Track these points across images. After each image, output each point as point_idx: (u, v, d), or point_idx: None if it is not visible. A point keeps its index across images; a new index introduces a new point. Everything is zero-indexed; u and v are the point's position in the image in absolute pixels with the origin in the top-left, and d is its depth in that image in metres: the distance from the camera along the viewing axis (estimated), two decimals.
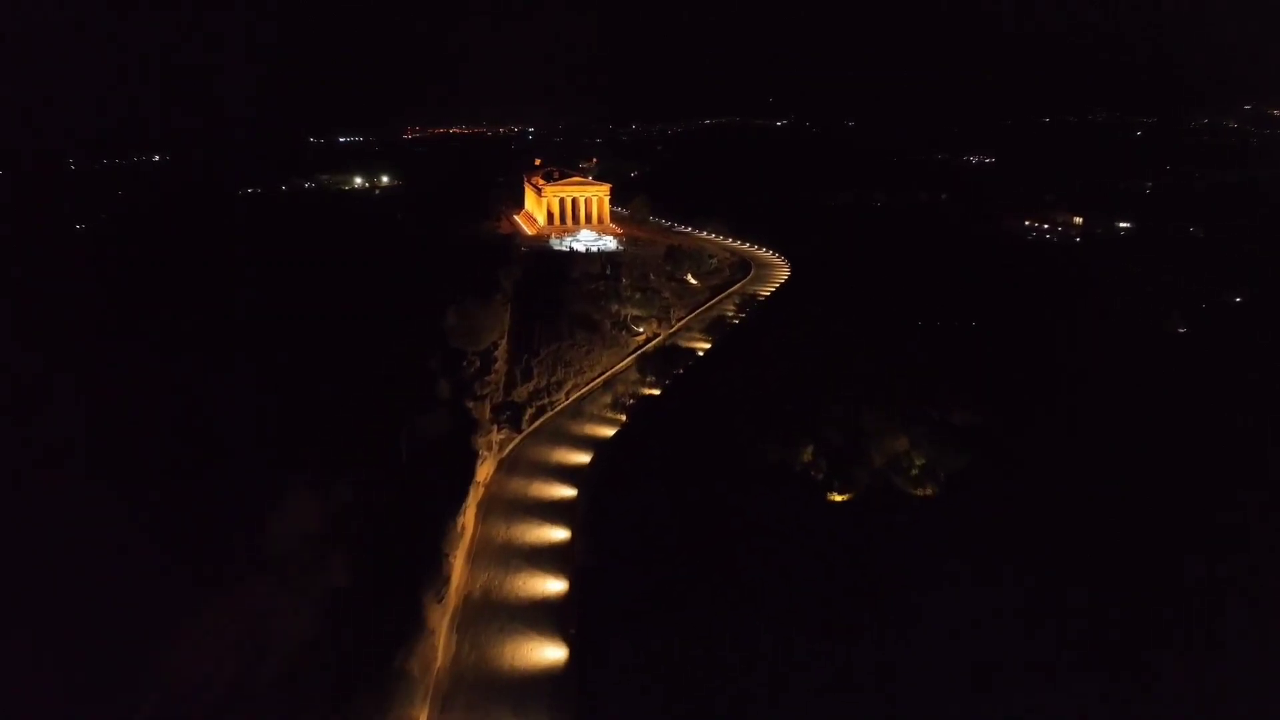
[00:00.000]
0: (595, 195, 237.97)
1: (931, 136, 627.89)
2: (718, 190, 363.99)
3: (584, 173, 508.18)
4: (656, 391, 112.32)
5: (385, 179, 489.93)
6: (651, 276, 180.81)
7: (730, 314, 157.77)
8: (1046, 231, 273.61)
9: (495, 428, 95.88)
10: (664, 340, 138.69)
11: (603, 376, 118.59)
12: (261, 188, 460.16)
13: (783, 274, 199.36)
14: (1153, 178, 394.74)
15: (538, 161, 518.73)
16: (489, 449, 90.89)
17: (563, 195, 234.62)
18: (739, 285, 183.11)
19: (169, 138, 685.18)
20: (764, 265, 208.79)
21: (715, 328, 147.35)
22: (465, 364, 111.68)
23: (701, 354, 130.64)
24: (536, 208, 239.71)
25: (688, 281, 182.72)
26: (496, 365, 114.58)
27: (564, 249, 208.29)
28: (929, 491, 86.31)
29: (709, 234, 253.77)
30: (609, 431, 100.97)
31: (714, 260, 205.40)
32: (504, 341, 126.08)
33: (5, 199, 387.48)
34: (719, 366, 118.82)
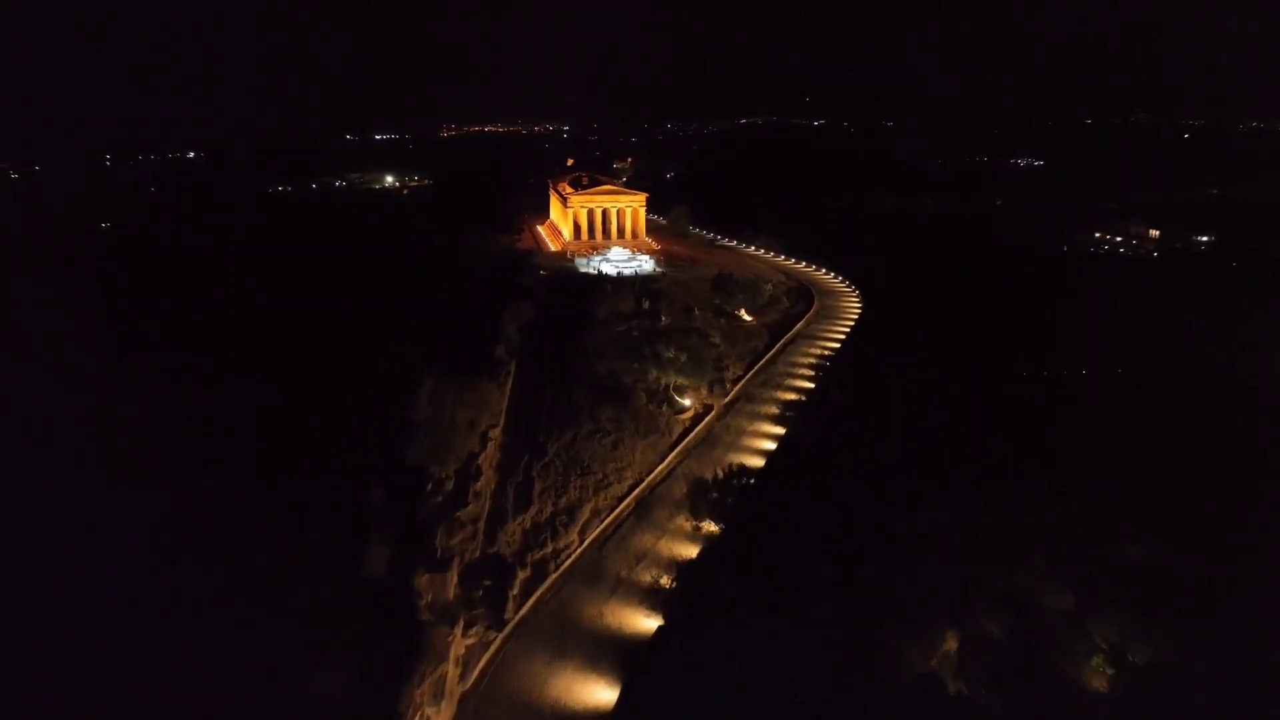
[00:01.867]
0: (629, 206, 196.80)
1: (973, 138, 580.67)
2: (759, 196, 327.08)
3: (618, 174, 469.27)
4: (714, 528, 71.68)
5: (416, 179, 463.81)
6: (696, 312, 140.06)
7: (801, 373, 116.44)
8: (1120, 245, 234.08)
9: (461, 623, 55.91)
10: (717, 417, 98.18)
11: (634, 493, 78.13)
12: (291, 186, 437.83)
13: (850, 305, 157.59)
14: (1217, 185, 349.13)
15: (570, 162, 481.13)
16: (444, 674, 51.07)
17: (591, 205, 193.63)
18: (803, 323, 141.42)
19: (207, 135, 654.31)
20: (826, 292, 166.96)
21: (784, 397, 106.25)
22: (431, 488, 71.38)
23: (773, 449, 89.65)
24: (562, 219, 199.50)
25: (740, 318, 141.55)
26: (479, 484, 74.18)
27: (591, 270, 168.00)
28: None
29: (755, 248, 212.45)
30: (644, 622, 60.58)
31: (769, 286, 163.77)
32: (498, 431, 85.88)
33: (40, 197, 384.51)
34: (801, 484, 77.42)
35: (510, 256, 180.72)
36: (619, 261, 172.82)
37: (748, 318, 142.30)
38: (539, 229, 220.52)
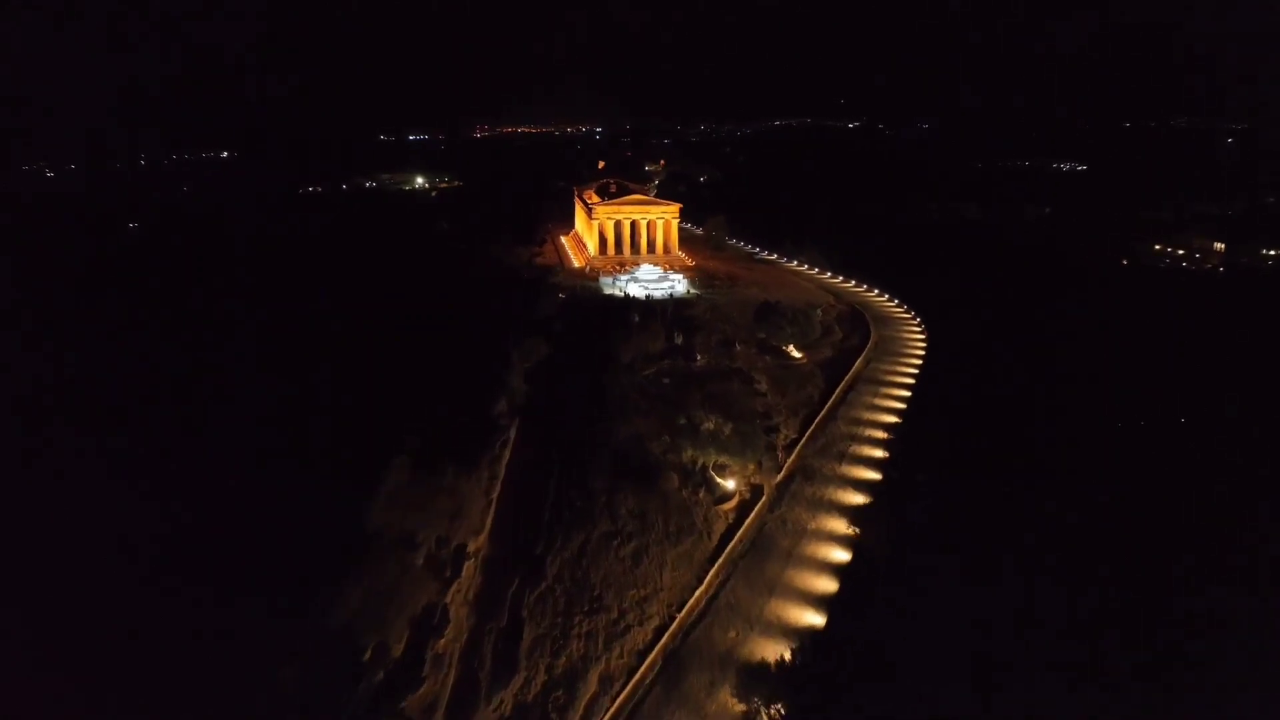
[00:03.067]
0: (660, 217, 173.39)
1: (1013, 141, 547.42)
2: (796, 201, 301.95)
3: (650, 176, 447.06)
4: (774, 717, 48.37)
5: (445, 180, 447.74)
6: (738, 347, 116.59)
7: (869, 434, 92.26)
8: (1183, 259, 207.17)
9: None
10: (769, 505, 74.74)
11: (660, 644, 54.96)
12: (321, 186, 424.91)
13: (911, 335, 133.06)
14: (1275, 193, 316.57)
15: (600, 164, 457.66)
16: None
17: (619, 217, 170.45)
18: (861, 360, 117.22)
19: (242, 134, 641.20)
20: (882, 319, 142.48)
21: (852, 473, 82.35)
22: (370, 657, 48.60)
23: (846, 561, 65.94)
24: (586, 231, 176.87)
25: (789, 356, 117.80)
26: (443, 641, 51.25)
27: (617, 291, 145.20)
28: None
29: (798, 264, 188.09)
30: None
31: (819, 312, 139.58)
32: (480, 540, 63.12)
33: (74, 196, 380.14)
34: (886, 635, 53.65)
35: (528, 274, 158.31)
36: (648, 281, 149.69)
37: (797, 355, 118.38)
38: (563, 240, 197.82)
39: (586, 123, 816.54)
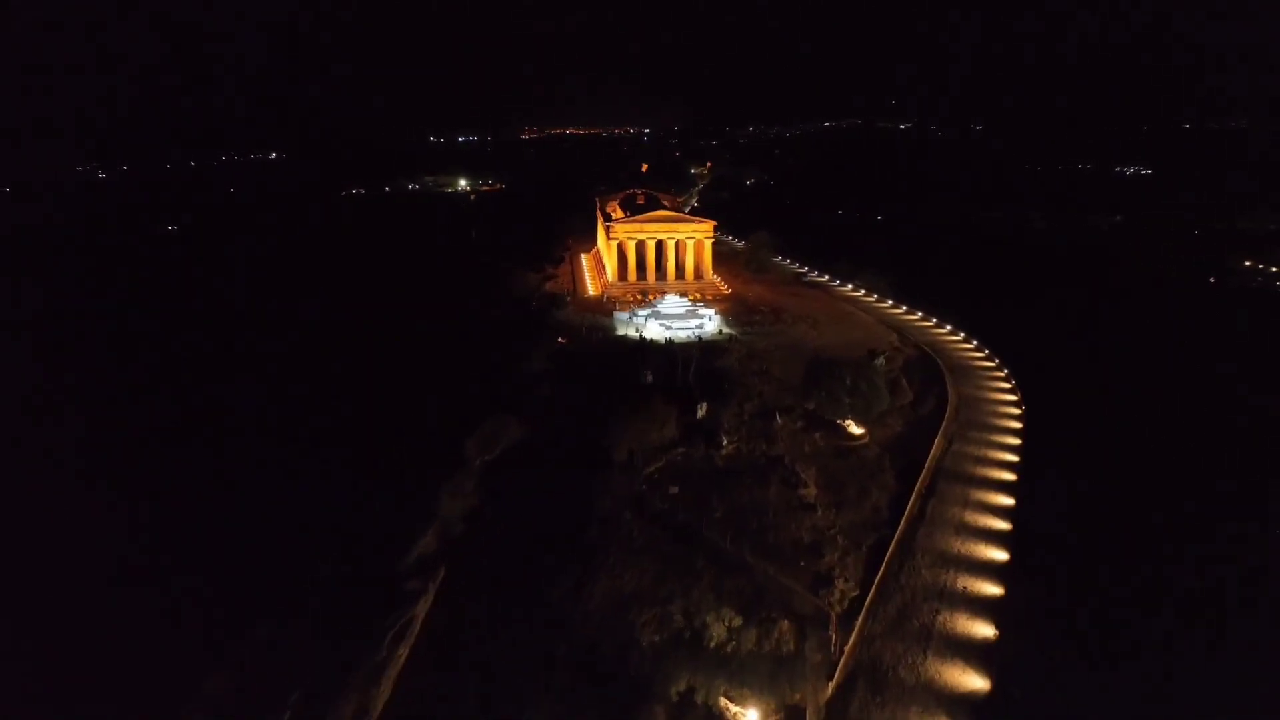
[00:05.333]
0: (691, 237, 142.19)
1: (1071, 143, 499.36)
2: (847, 208, 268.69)
3: (695, 180, 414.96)
4: None
5: (488, 183, 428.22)
6: (779, 420, 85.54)
7: (960, 582, 60.13)
8: (1277, 277, 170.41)
9: None
10: None
11: None
12: (364, 189, 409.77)
13: (999, 395, 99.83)
14: None
15: (644, 167, 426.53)
16: None
17: (641, 236, 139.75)
18: (941, 439, 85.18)
19: (293, 136, 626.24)
20: (959, 369, 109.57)
21: (942, 674, 50.63)
22: None
23: None
24: (606, 251, 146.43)
25: (847, 433, 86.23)
26: None
27: (633, 331, 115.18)
28: None
29: (853, 289, 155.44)
30: None
31: (881, 361, 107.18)
32: None
33: (121, 198, 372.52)
34: None
35: (532, 307, 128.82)
36: (672, 317, 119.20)
37: (857, 431, 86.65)
38: (583, 260, 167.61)
39: (634, 124, 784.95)
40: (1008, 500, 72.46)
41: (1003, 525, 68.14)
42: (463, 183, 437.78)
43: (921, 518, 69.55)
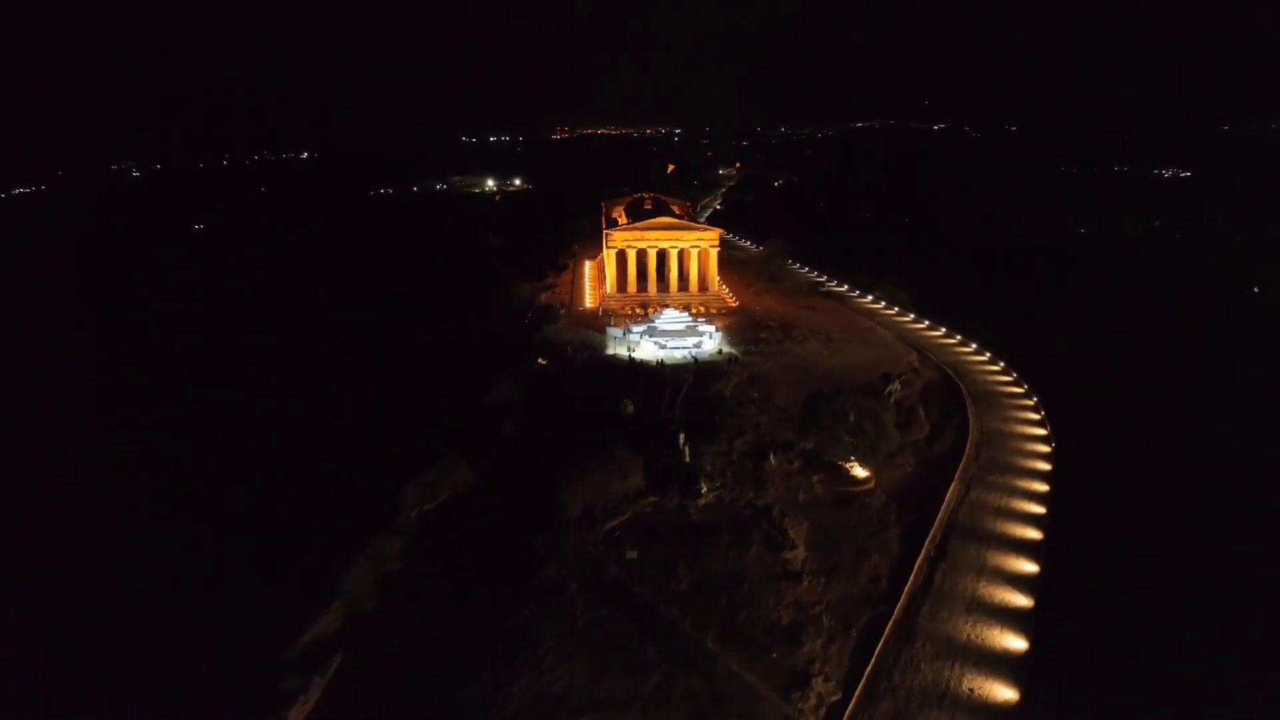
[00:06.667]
0: (695, 246, 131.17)
1: (1106, 145, 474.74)
2: (875, 211, 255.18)
3: (722, 181, 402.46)
4: None
5: (514, 183, 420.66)
6: (771, 461, 74.61)
7: (965, 683, 48.78)
8: None
9: None
10: None
11: None
12: (393, 188, 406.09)
13: (1028, 430, 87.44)
14: None
15: (670, 168, 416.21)
16: None
17: (641, 244, 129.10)
18: (958, 485, 73.43)
19: (326, 135, 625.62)
20: (982, 396, 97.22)
21: None
22: None
23: None
24: (608, 258, 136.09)
25: (849, 476, 74.96)
26: None
27: (624, 351, 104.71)
28: None
29: (873, 300, 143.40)
30: None
31: (896, 386, 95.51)
32: None
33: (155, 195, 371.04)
34: None
35: (521, 321, 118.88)
36: (669, 334, 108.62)
37: (861, 473, 75.36)
38: (587, 268, 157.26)
39: (665, 125, 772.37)
40: (1030, 567, 60.76)
41: (1023, 601, 56.59)
42: (490, 183, 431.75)
43: (928, 589, 58.23)
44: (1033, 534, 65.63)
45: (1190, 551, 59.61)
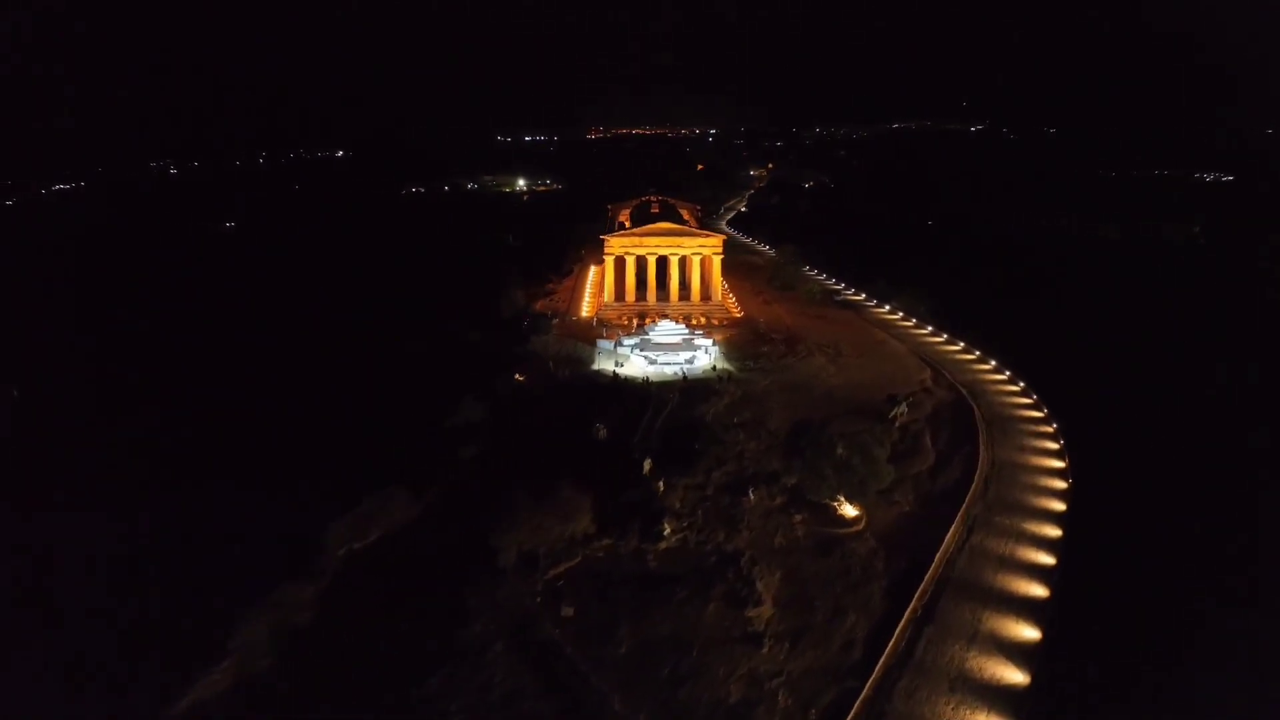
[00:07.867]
0: (697, 253, 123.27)
1: (1148, 148, 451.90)
2: (902, 215, 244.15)
3: (749, 182, 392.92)
4: None
5: (545, 183, 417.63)
6: (750, 496, 67.00)
7: None
8: None
9: None
10: None
11: None
12: (424, 187, 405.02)
13: (1044, 462, 78.35)
14: None
15: (700, 167, 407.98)
16: None
17: (640, 251, 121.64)
18: (957, 530, 64.87)
19: (360, 134, 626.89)
20: (998, 421, 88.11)
21: None
22: None
23: None
24: (606, 265, 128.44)
25: (836, 516, 66.89)
26: None
27: (609, 368, 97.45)
28: None
29: (890, 311, 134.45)
30: None
31: (903, 408, 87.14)
32: None
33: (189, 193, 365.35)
34: None
35: (512, 331, 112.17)
36: (662, 348, 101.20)
37: (851, 512, 67.26)
38: (590, 274, 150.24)
39: (700, 125, 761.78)
40: (1030, 633, 52.42)
41: (1018, 677, 48.36)
42: (521, 182, 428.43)
43: (908, 660, 50.23)
44: (1038, 591, 57.13)
45: (1223, 624, 50.60)
